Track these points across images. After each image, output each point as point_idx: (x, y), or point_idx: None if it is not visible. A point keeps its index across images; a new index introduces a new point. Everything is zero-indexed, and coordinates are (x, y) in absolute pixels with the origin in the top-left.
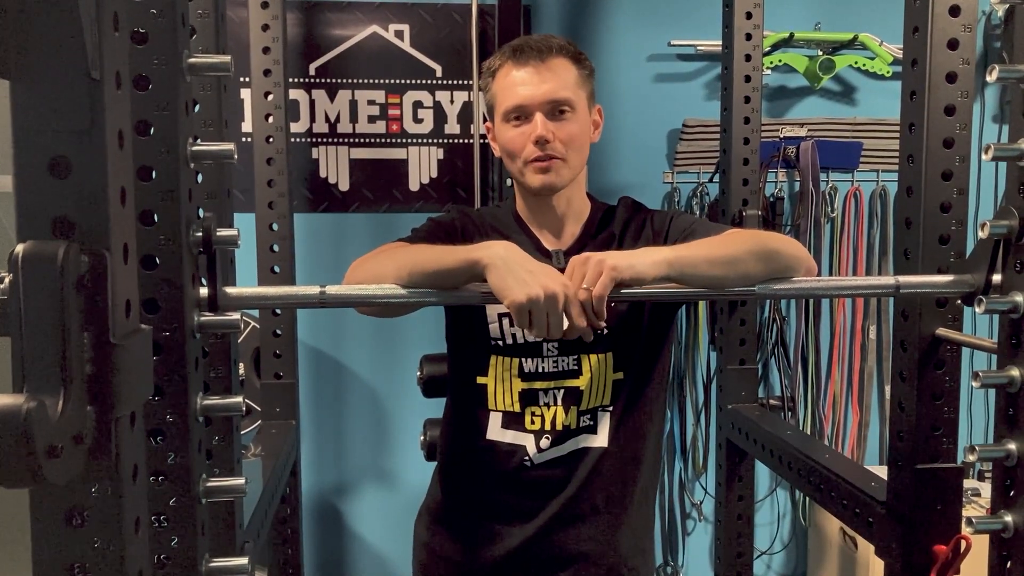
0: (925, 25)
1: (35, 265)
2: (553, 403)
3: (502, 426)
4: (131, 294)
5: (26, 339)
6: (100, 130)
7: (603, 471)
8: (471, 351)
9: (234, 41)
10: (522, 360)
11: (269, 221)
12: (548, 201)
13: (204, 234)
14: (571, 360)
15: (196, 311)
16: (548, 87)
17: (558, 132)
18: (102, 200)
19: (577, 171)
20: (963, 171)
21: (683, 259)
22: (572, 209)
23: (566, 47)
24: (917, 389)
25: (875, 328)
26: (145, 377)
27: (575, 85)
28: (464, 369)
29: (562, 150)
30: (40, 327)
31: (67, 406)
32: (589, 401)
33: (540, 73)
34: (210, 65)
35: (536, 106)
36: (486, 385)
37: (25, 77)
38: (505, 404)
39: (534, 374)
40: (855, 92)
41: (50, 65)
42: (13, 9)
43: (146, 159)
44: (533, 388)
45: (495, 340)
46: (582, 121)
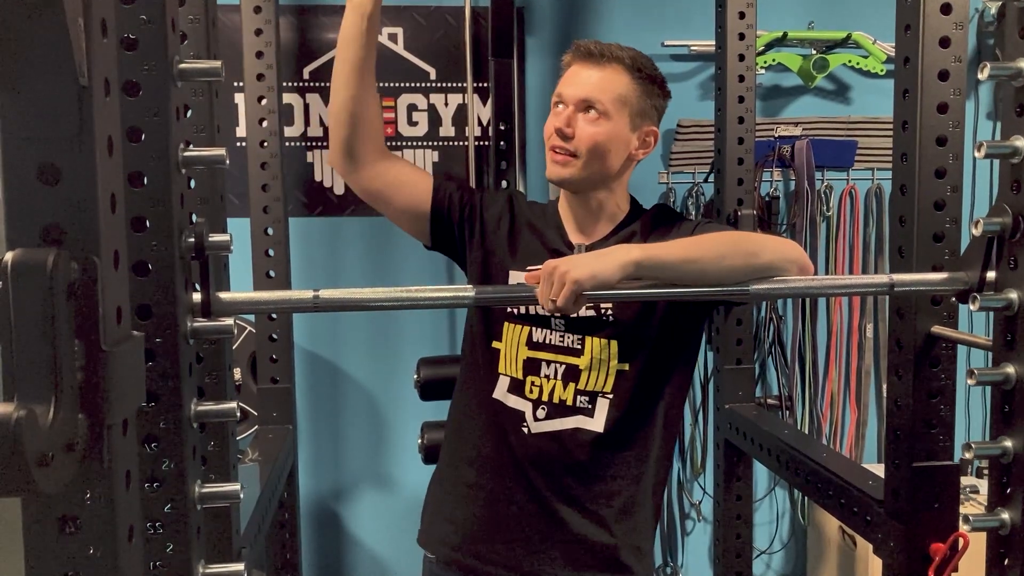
0: (917, 23)
1: (25, 273)
2: (553, 376)
3: (507, 390)
4: (122, 301)
5: (16, 347)
6: (89, 137)
7: (599, 458)
8: (489, 318)
9: (227, 45)
10: (532, 329)
11: (264, 226)
12: (580, 198)
13: (196, 240)
14: (575, 338)
15: (189, 317)
16: (588, 86)
17: (580, 130)
18: (92, 207)
19: (594, 175)
20: (956, 169)
21: (652, 258)
22: (605, 211)
23: (624, 57)
24: (913, 387)
25: (872, 326)
26: (137, 384)
27: (619, 93)
28: (481, 334)
29: (579, 148)
30: (30, 335)
31: (58, 414)
32: (588, 383)
33: (590, 71)
34: (201, 70)
35: (571, 99)
36: (499, 350)
37: (13, 84)
38: (511, 370)
39: (541, 344)
40: (849, 90)
41: (38, 72)
42: (0, 17)
43: (137, 165)
44: (537, 358)
45: (509, 308)
46: (612, 129)
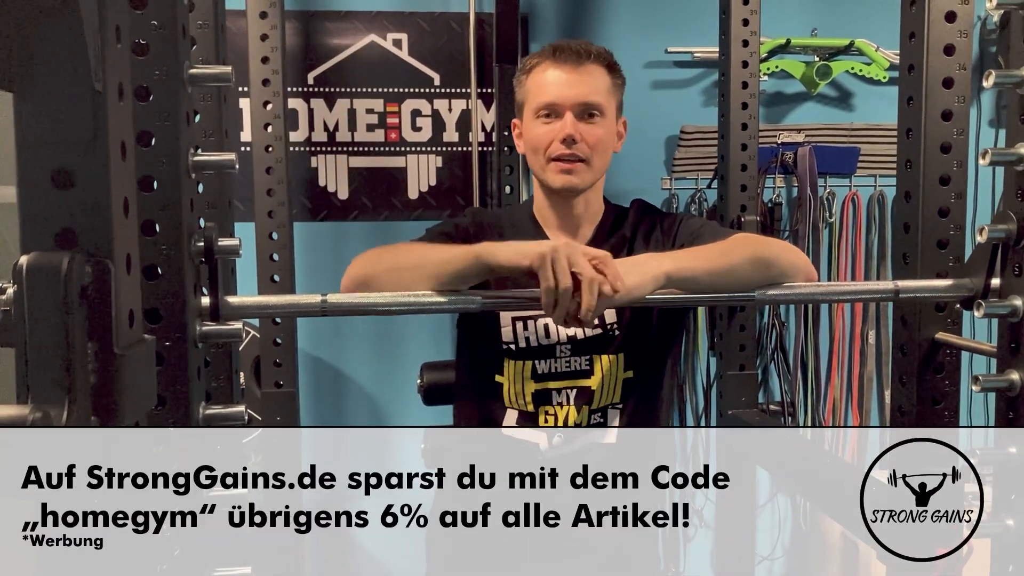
0: (922, 31)
1: (39, 276)
2: (566, 402)
3: (516, 423)
4: (134, 304)
5: (30, 350)
6: (103, 141)
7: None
8: (486, 354)
9: (233, 51)
10: (535, 362)
11: (269, 230)
12: (567, 202)
13: (206, 244)
14: (583, 360)
15: (198, 321)
16: (582, 89)
17: (586, 134)
18: (105, 211)
19: (598, 176)
20: (961, 176)
21: (683, 270)
22: (589, 212)
23: (603, 55)
24: (917, 393)
25: (874, 333)
26: (148, 387)
27: (607, 92)
28: (480, 369)
29: (587, 152)
30: (44, 338)
31: (71, 417)
32: (600, 400)
33: (576, 75)
34: (211, 76)
35: (568, 106)
36: (503, 384)
37: (28, 89)
38: (519, 404)
39: (547, 375)
40: (852, 97)
41: (53, 77)
42: (16, 22)
43: (148, 170)
44: (547, 388)
45: (507, 344)
46: (609, 128)
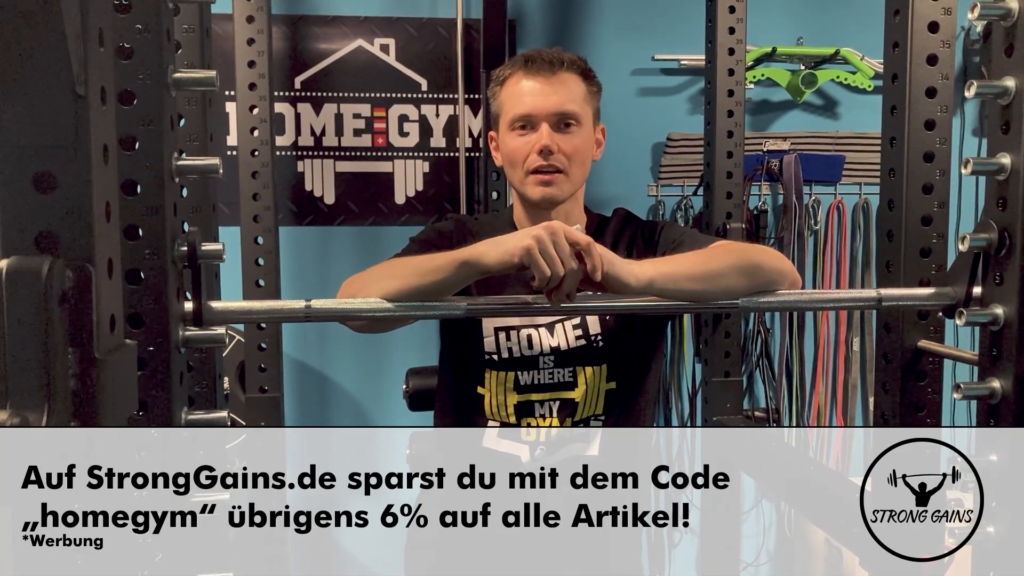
0: (905, 41)
1: (19, 280)
2: (549, 414)
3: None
4: (116, 309)
5: (9, 354)
6: (85, 145)
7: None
8: (468, 365)
9: (219, 55)
10: (517, 373)
11: (254, 235)
12: (547, 213)
13: (189, 248)
14: (567, 372)
15: (181, 326)
16: (557, 99)
17: (563, 144)
18: (87, 215)
19: (578, 185)
20: (943, 185)
21: (665, 276)
22: (569, 221)
23: (577, 62)
24: (900, 400)
25: (859, 340)
26: (129, 392)
27: (582, 100)
28: (461, 380)
29: (565, 163)
30: (24, 342)
31: (51, 422)
32: (583, 411)
33: (550, 84)
34: (195, 80)
35: (543, 116)
36: (484, 396)
37: (10, 92)
38: (501, 415)
39: (530, 386)
40: (837, 106)
41: (35, 80)
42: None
43: (131, 174)
44: (529, 400)
45: (490, 354)
46: (586, 136)
